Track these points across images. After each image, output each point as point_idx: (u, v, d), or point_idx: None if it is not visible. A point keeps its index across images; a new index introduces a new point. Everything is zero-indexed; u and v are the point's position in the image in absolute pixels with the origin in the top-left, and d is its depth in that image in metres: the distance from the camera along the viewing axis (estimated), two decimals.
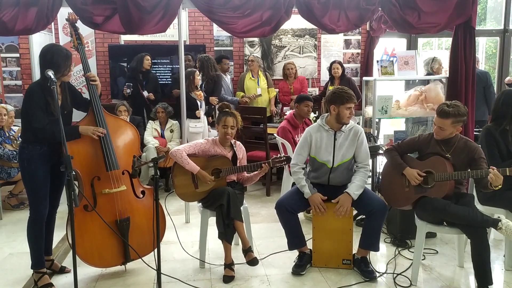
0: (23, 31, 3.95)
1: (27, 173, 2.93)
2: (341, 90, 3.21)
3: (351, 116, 3.19)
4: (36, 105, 2.84)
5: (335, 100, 3.18)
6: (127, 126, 3.26)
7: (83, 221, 2.95)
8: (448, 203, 2.86)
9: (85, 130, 2.97)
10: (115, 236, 3.07)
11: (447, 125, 2.94)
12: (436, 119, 3.00)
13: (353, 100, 3.17)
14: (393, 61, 4.72)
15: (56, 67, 2.85)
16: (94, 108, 3.07)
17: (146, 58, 5.80)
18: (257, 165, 3.31)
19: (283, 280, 3.11)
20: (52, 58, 2.87)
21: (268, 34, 4.25)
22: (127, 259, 3.14)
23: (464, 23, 4.25)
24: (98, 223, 2.99)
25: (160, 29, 4.04)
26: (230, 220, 3.11)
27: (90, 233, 3.00)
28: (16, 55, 6.46)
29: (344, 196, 3.12)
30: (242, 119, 3.84)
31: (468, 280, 3.10)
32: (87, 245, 2.98)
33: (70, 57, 2.96)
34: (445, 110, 2.93)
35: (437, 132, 3.01)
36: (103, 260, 3.08)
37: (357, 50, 7.23)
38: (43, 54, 2.91)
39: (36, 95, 2.85)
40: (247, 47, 6.97)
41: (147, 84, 5.88)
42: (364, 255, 3.20)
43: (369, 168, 3.24)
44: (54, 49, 2.94)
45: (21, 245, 3.66)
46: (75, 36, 3.22)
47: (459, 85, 4.31)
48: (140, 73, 5.83)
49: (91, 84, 3.10)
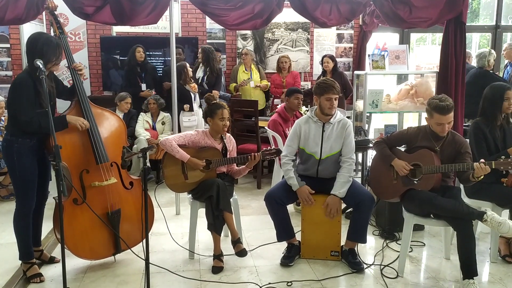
0: (13, 21, 3.92)
1: (17, 167, 2.88)
2: (322, 81, 3.26)
3: (332, 107, 3.19)
4: (24, 97, 2.77)
5: (316, 91, 3.24)
6: (113, 117, 3.25)
7: (73, 214, 2.94)
8: (435, 195, 2.89)
9: (74, 120, 2.92)
10: (106, 228, 3.08)
11: (451, 118, 2.96)
12: (443, 118, 2.93)
13: (333, 90, 3.16)
14: (384, 55, 4.74)
15: (46, 56, 2.80)
16: (80, 99, 3.03)
17: (138, 50, 5.75)
18: (247, 157, 3.32)
19: (272, 271, 3.14)
20: (43, 47, 2.80)
21: (260, 27, 4.25)
22: (118, 250, 3.15)
23: (455, 18, 4.28)
24: (88, 216, 2.99)
25: (152, 21, 4.02)
26: (219, 211, 3.13)
27: (80, 226, 2.99)
28: (7, 45, 6.41)
29: (331, 198, 3.15)
30: (234, 112, 3.88)
31: (454, 272, 3.14)
32: (77, 238, 2.97)
33: (60, 46, 2.92)
34: (445, 106, 2.92)
35: (444, 129, 2.96)
36: (94, 252, 3.09)
37: (350, 45, 7.25)
38: (33, 43, 2.82)
39: (26, 86, 2.78)
40: (240, 40, 6.97)
41: (145, 76, 5.86)
42: (352, 247, 3.24)
43: (353, 162, 3.25)
44: (44, 37, 2.86)
45: (10, 236, 3.62)
46: (56, 25, 3.11)
47: (449, 80, 4.34)
48: (138, 66, 5.81)
49: (78, 74, 3.06)
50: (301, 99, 4.42)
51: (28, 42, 2.85)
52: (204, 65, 5.70)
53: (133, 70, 5.80)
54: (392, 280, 3.00)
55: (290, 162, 3.29)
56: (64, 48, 3.06)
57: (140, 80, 5.83)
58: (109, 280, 3.01)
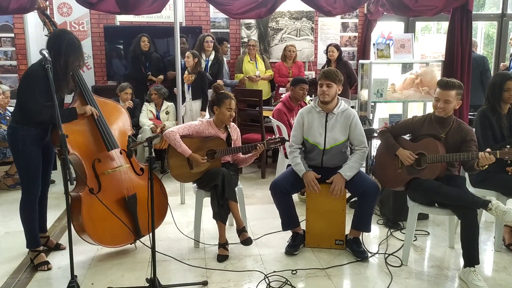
0: (18, 10, 3.91)
1: (22, 155, 2.91)
2: (321, 70, 3.30)
3: (323, 94, 3.16)
4: (36, 86, 2.79)
5: (317, 79, 3.25)
6: (116, 107, 3.30)
7: (91, 205, 2.97)
8: (440, 184, 2.90)
9: (82, 110, 2.97)
10: (124, 214, 3.11)
11: (452, 97, 2.95)
12: (441, 93, 2.96)
13: (326, 77, 3.15)
14: (389, 44, 4.71)
15: (79, 57, 2.87)
16: (83, 91, 3.06)
17: (142, 40, 5.75)
18: (251, 146, 3.32)
19: (276, 260, 3.16)
20: (67, 49, 2.83)
21: (264, 16, 4.23)
22: (139, 235, 3.17)
23: (461, 7, 4.24)
24: (106, 203, 3.00)
25: (156, 10, 4.01)
26: (224, 200, 3.14)
27: (100, 215, 3.01)
28: (11, 35, 6.40)
29: (337, 176, 3.15)
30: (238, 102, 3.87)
31: (458, 261, 3.15)
32: (98, 227, 3.00)
33: (81, 48, 2.96)
34: (449, 82, 2.95)
35: (443, 107, 2.97)
36: (116, 239, 3.12)
37: (354, 34, 7.20)
38: (64, 42, 2.84)
39: (39, 76, 2.78)
40: (244, 29, 6.93)
41: (150, 65, 5.85)
42: (357, 236, 3.25)
43: (366, 150, 3.25)
44: (68, 38, 2.87)
45: (17, 225, 3.66)
46: (49, 23, 3.15)
47: (454, 68, 4.32)
48: (142, 55, 5.81)
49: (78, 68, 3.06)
50: (306, 89, 4.41)
51: (55, 40, 2.86)
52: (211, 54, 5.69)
53: (137, 59, 5.80)
54: (397, 269, 3.02)
55: (296, 150, 3.29)
56: None
57: (145, 69, 5.83)
58: (116, 268, 3.04)
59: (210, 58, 5.71)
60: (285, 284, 2.81)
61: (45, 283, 2.86)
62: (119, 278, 2.90)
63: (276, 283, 2.82)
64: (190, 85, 5.41)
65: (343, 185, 3.14)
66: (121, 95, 5.27)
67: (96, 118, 3.03)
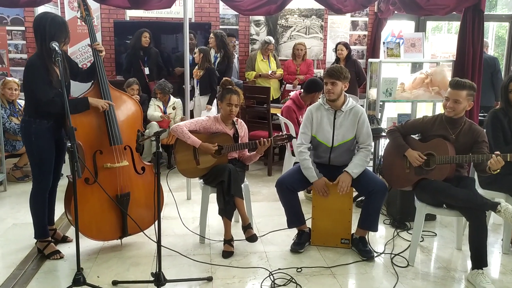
0: (28, 3, 3.94)
1: (35, 148, 2.92)
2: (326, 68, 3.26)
3: (328, 92, 3.15)
4: (38, 78, 2.80)
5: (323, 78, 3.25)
6: (131, 102, 3.25)
7: (83, 194, 2.97)
8: (449, 185, 2.87)
9: (95, 102, 2.95)
10: (114, 210, 3.10)
11: (462, 97, 2.91)
12: (451, 92, 2.93)
13: (330, 75, 3.13)
14: (399, 43, 4.67)
15: (56, 36, 2.80)
16: (100, 81, 3.04)
17: (144, 35, 5.75)
18: (258, 142, 3.31)
19: (282, 257, 3.15)
20: (50, 28, 2.79)
21: (274, 12, 4.21)
22: (125, 233, 3.17)
23: (473, 6, 4.19)
24: (98, 196, 3.02)
25: (166, 5, 4.01)
26: (230, 196, 3.14)
27: (89, 206, 3.02)
28: (22, 28, 6.44)
29: (344, 174, 3.14)
30: (246, 99, 3.87)
31: (465, 262, 3.12)
32: (85, 218, 2.98)
33: (66, 24, 2.92)
34: (460, 82, 2.92)
35: (452, 107, 2.94)
36: (101, 233, 3.12)
37: (364, 32, 7.15)
38: (40, 24, 2.81)
39: (38, 68, 2.80)
40: (253, 26, 6.91)
41: (148, 60, 5.85)
42: (363, 235, 3.23)
43: (371, 149, 3.24)
44: (50, 18, 2.84)
45: (25, 216, 3.71)
46: (83, 7, 3.13)
47: (465, 69, 4.27)
48: (141, 50, 5.80)
49: (99, 55, 3.07)
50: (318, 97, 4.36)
51: (35, 23, 2.85)
52: (218, 51, 5.67)
53: (135, 54, 5.80)
54: (403, 269, 2.99)
55: (306, 150, 3.26)
56: (89, 30, 3.11)
57: (143, 64, 5.82)
58: (121, 261, 3.05)
59: (219, 56, 5.70)
60: (290, 281, 2.80)
61: (52, 275, 2.88)
62: (125, 272, 2.91)
63: (281, 281, 2.81)
64: (199, 80, 5.42)
65: (349, 182, 3.13)
66: (128, 90, 5.26)
67: (106, 111, 3.01)
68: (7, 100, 4.80)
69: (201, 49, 5.45)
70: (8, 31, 6.41)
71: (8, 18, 6.37)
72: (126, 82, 5.37)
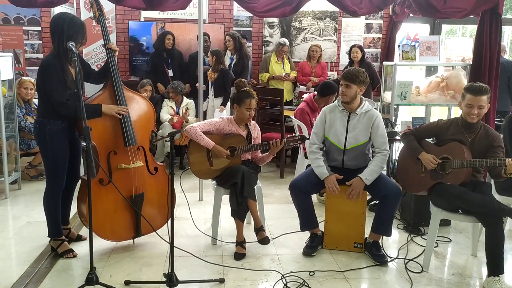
0: (45, 4, 3.99)
1: (49, 148, 2.93)
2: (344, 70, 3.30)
3: (341, 93, 3.16)
4: (54, 78, 2.81)
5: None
6: (144, 102, 3.26)
7: (98, 194, 2.98)
8: (465, 190, 2.82)
9: (108, 110, 2.94)
10: (128, 211, 3.12)
11: (485, 102, 2.87)
12: (474, 99, 2.86)
13: (345, 77, 3.13)
14: (415, 46, 4.62)
15: (74, 37, 2.82)
16: (114, 82, 3.04)
17: (168, 38, 5.81)
18: (272, 143, 3.29)
19: (294, 260, 3.13)
20: (68, 29, 2.81)
21: (289, 14, 4.21)
22: (138, 234, 3.18)
23: (491, 9, 4.14)
24: (112, 197, 3.03)
25: (181, 6, 4.02)
26: (243, 198, 3.13)
27: (104, 206, 3.02)
28: (38, 29, 6.52)
29: (357, 180, 3.11)
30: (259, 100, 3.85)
31: (480, 269, 3.07)
32: (99, 218, 2.99)
33: (84, 26, 2.94)
34: (481, 87, 2.87)
35: (477, 113, 2.88)
36: (115, 234, 3.13)
37: (378, 35, 7.10)
38: (58, 24, 2.82)
39: (55, 68, 2.81)
40: (267, 28, 6.91)
41: (172, 62, 5.89)
42: (376, 240, 3.20)
43: (387, 153, 3.20)
44: (68, 18, 2.86)
45: (39, 215, 3.74)
46: (96, 7, 3.13)
47: (482, 72, 4.22)
48: (164, 52, 5.85)
49: (113, 56, 3.07)
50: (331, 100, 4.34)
51: (53, 23, 2.86)
52: (235, 52, 5.68)
53: (159, 56, 5.85)
54: (417, 275, 2.95)
55: (318, 150, 3.25)
56: (102, 30, 3.10)
57: (167, 66, 5.86)
58: (134, 261, 3.06)
59: (235, 57, 5.71)
60: (302, 285, 2.78)
61: (65, 273, 2.89)
62: (137, 272, 2.92)
63: (293, 284, 2.79)
64: (213, 82, 5.44)
65: (361, 189, 3.10)
66: (141, 91, 5.30)
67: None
68: (23, 99, 4.85)
69: (213, 51, 5.46)
70: (24, 31, 6.50)
71: (25, 18, 6.46)
72: (140, 83, 5.41)
